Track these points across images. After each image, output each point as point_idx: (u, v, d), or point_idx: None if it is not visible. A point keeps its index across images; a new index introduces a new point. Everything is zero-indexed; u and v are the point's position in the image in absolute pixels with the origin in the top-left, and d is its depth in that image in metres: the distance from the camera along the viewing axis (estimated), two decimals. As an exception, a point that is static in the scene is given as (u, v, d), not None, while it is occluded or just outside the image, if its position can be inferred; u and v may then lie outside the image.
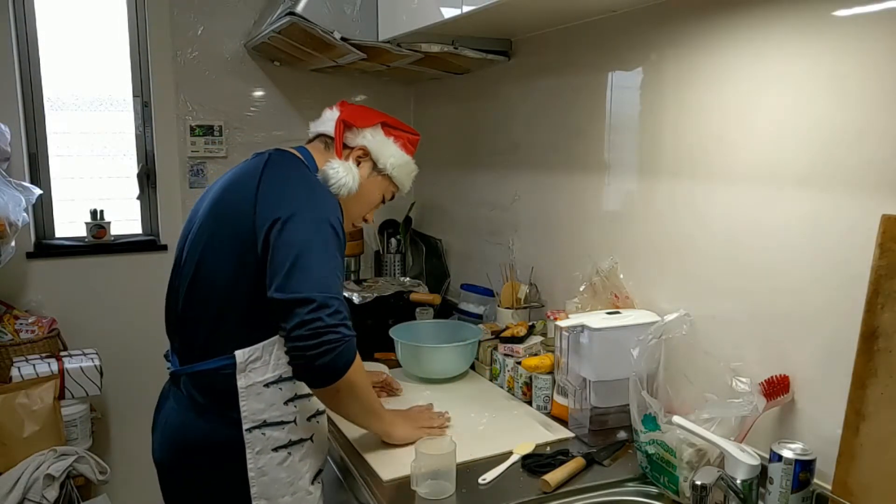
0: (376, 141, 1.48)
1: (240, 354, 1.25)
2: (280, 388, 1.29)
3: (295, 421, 1.31)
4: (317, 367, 1.18)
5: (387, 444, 1.45)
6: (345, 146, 1.47)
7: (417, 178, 1.59)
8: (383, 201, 1.56)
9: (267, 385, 1.27)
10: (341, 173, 1.40)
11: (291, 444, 1.31)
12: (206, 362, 1.29)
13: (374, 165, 1.49)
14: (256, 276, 1.23)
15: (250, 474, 1.28)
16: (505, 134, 2.17)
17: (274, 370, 1.28)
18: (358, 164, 1.47)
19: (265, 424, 1.28)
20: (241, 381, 1.26)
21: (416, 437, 1.40)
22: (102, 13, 2.54)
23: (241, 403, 1.26)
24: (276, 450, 1.29)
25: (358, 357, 1.25)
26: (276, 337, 1.27)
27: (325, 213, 1.27)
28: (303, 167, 1.38)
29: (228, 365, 1.26)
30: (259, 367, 1.27)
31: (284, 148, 1.44)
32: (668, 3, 1.47)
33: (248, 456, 1.27)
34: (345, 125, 1.47)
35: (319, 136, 1.50)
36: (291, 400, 1.31)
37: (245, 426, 1.27)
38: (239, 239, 1.26)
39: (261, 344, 1.26)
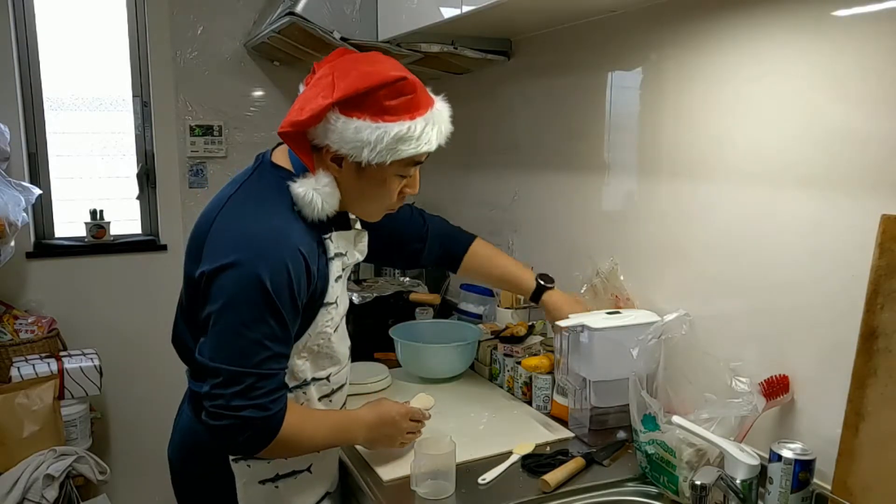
0: (335, 136, 1.11)
1: None
2: None
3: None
4: (225, 445, 1.13)
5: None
6: (315, 148, 1.16)
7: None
8: (409, 174, 1.23)
9: None
10: (307, 198, 1.14)
11: (279, 477, 1.25)
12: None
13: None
14: None
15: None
16: (505, 134, 2.17)
17: None
18: (339, 163, 1.16)
19: (250, 456, 1.21)
20: None
21: (393, 448, 1.37)
22: (102, 13, 2.54)
23: None
24: (262, 483, 1.24)
25: (288, 425, 1.12)
26: None
27: (258, 270, 1.07)
28: (272, 202, 1.16)
29: None
30: None
31: (274, 156, 1.24)
32: (668, 3, 1.47)
33: (237, 486, 1.23)
34: (291, 137, 1.14)
35: None
36: None
37: (231, 457, 1.22)
38: (193, 276, 1.16)
39: None
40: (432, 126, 1.19)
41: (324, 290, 1.21)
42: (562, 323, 1.48)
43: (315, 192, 1.14)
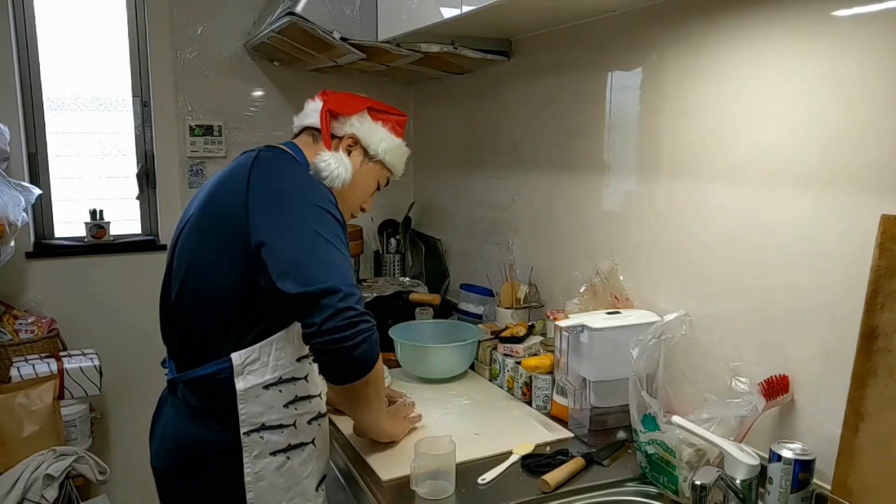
0: (364, 127, 1.44)
1: (236, 357, 1.22)
2: (280, 391, 1.26)
3: (295, 424, 1.28)
4: (353, 359, 1.14)
5: (386, 445, 1.46)
6: (333, 136, 1.43)
7: (417, 178, 1.57)
8: (378, 188, 1.52)
9: (266, 387, 1.24)
10: (333, 165, 1.36)
11: (290, 447, 1.28)
12: (203, 367, 1.26)
13: (366, 153, 1.45)
14: (251, 276, 1.19)
15: (247, 479, 1.25)
16: (505, 134, 2.17)
17: (273, 371, 1.25)
18: (349, 153, 1.43)
19: (264, 428, 1.25)
20: (240, 384, 1.23)
21: (406, 430, 1.51)
22: (102, 13, 2.54)
23: (240, 407, 1.23)
24: (273, 454, 1.26)
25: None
26: (274, 337, 1.24)
27: (322, 202, 1.24)
28: (293, 161, 1.35)
29: (225, 368, 1.23)
30: (258, 369, 1.24)
31: (273, 144, 1.40)
32: (668, 3, 1.47)
33: (245, 460, 1.24)
34: (330, 115, 1.42)
35: (305, 129, 1.46)
36: (292, 402, 1.27)
37: (243, 430, 1.24)
38: (232, 239, 1.21)
39: (258, 345, 1.23)
40: (406, 158, 1.54)
41: None
42: (562, 323, 1.48)
43: (341, 160, 1.39)
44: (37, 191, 2.22)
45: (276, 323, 1.24)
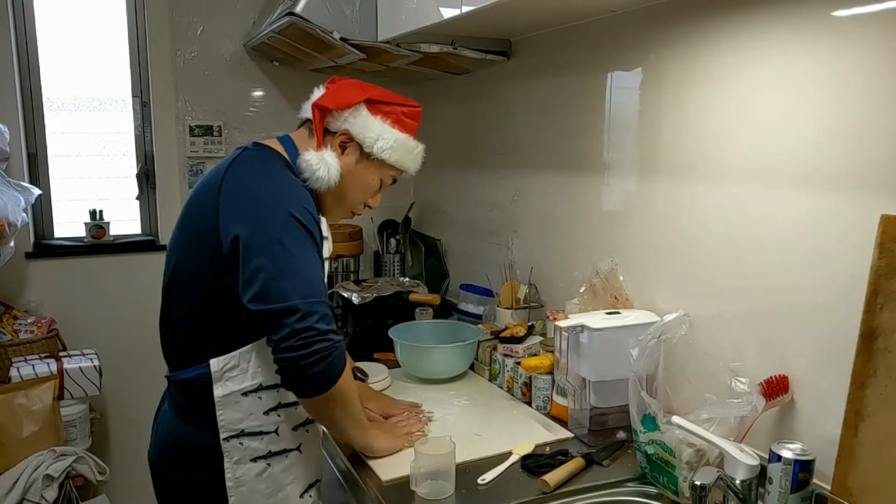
0: (358, 123, 1.33)
1: (214, 363, 1.22)
2: (260, 398, 1.25)
3: (276, 431, 1.27)
4: (309, 377, 1.13)
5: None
6: (327, 132, 1.34)
7: (417, 178, 1.53)
8: (382, 186, 1.42)
9: (245, 394, 1.24)
10: (315, 166, 1.28)
11: (272, 454, 1.27)
12: (186, 371, 1.26)
13: (362, 149, 1.35)
14: (227, 283, 1.17)
15: (228, 483, 1.24)
16: (505, 134, 2.17)
17: (253, 378, 1.24)
18: (343, 150, 1.34)
19: (243, 434, 1.25)
20: (218, 391, 1.22)
21: (398, 446, 1.42)
22: (102, 13, 2.54)
23: (218, 412, 1.23)
24: (254, 460, 1.26)
25: (347, 363, 1.21)
26: (254, 344, 1.23)
27: (293, 207, 1.18)
28: (274, 162, 1.28)
29: (205, 374, 1.23)
30: (237, 376, 1.23)
31: (263, 141, 1.34)
32: (668, 3, 1.47)
33: (226, 465, 1.24)
34: (321, 111, 1.33)
35: (307, 121, 1.38)
36: (273, 409, 1.27)
37: (222, 435, 1.23)
38: (206, 247, 1.20)
39: (237, 352, 1.23)
40: (421, 154, 1.43)
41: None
42: (561, 323, 1.48)
43: (324, 160, 1.29)
44: (37, 191, 2.22)
45: (257, 329, 1.22)
